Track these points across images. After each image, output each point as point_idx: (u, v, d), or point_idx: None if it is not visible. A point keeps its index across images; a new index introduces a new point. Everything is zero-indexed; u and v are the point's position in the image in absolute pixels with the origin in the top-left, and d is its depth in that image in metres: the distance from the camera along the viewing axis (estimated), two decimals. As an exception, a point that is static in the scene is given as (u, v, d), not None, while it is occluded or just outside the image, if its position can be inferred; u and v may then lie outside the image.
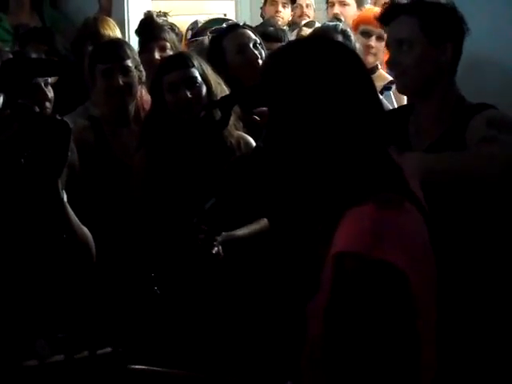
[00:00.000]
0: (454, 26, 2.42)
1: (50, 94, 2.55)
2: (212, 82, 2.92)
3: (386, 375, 1.39)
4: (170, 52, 3.72)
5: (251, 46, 3.33)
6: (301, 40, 1.76)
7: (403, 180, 1.55)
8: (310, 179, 1.52)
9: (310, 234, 1.63)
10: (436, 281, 1.55)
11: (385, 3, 2.60)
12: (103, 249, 2.47)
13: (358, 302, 1.39)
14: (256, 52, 3.32)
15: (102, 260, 2.46)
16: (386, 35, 3.86)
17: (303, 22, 4.64)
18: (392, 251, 1.40)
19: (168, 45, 3.75)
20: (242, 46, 3.33)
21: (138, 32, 3.94)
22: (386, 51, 3.78)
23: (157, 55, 3.70)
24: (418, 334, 1.43)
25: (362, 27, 4.14)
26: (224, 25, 3.57)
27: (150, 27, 3.80)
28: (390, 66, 2.56)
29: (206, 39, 3.75)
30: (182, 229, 2.66)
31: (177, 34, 3.86)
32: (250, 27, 3.54)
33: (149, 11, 4.05)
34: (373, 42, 4.05)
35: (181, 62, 2.92)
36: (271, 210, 2.89)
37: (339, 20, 4.21)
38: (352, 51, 1.61)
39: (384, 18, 2.50)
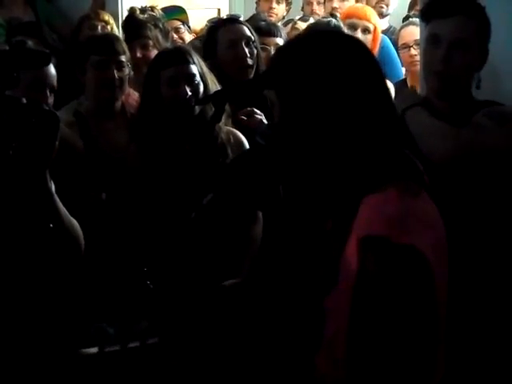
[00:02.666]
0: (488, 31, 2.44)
1: (50, 99, 2.51)
2: (208, 81, 2.91)
3: (409, 367, 1.39)
4: (152, 49, 3.72)
5: (243, 42, 3.34)
6: (312, 33, 1.76)
7: (419, 171, 1.55)
8: (326, 168, 1.52)
9: (323, 227, 1.62)
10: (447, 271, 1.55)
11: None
12: (94, 243, 2.48)
13: (385, 286, 1.38)
14: (246, 49, 3.32)
15: (93, 254, 2.46)
16: (372, 28, 3.86)
17: (297, 17, 4.64)
18: (415, 235, 1.40)
19: (150, 42, 3.75)
20: (234, 41, 3.34)
21: (123, 28, 3.96)
22: (374, 45, 3.78)
23: (138, 53, 3.70)
24: (440, 325, 1.43)
25: (348, 21, 4.19)
26: (225, 16, 3.58)
27: (132, 25, 3.81)
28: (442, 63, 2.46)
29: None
30: (177, 223, 2.66)
31: (161, 30, 3.85)
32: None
33: (132, 7, 4.03)
34: (359, 34, 4.06)
35: (181, 57, 2.92)
36: (281, 202, 2.89)
37: (334, 16, 4.21)
38: (364, 46, 1.60)
39: (434, 13, 2.45)
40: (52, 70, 2.48)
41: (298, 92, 1.51)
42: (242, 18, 3.55)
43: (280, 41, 3.68)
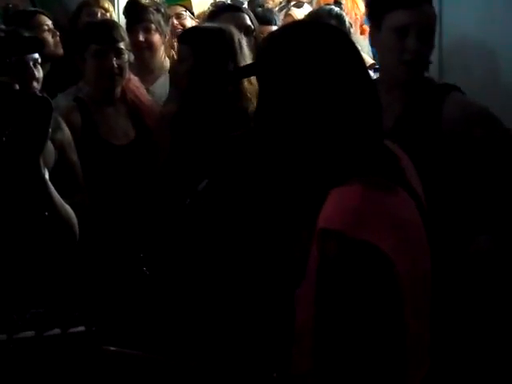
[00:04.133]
0: None
1: (39, 73, 2.50)
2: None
3: (372, 361, 1.38)
4: (155, 33, 3.74)
5: (242, 32, 3.32)
6: (296, 24, 1.77)
7: (397, 167, 1.54)
8: (298, 158, 1.52)
9: (296, 217, 1.62)
10: (429, 270, 1.54)
11: None
12: (91, 229, 2.48)
13: (340, 282, 1.38)
14: (244, 39, 3.32)
15: (89, 241, 2.47)
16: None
17: (292, 3, 4.62)
18: (375, 232, 1.39)
19: (153, 26, 3.75)
20: None
21: (124, 13, 3.94)
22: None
23: (141, 37, 3.71)
24: (404, 317, 1.42)
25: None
26: (228, 1, 3.58)
27: (135, 9, 3.80)
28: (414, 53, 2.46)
29: None
30: (172, 209, 2.66)
31: (163, 15, 3.85)
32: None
33: None
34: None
35: None
36: (262, 190, 2.88)
37: (338, 3, 4.19)
38: (345, 35, 1.60)
39: (399, 4, 2.44)
40: None
41: (275, 81, 1.52)
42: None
43: (275, 28, 3.67)
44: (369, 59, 3.93)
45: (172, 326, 2.66)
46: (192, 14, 4.41)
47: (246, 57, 2.91)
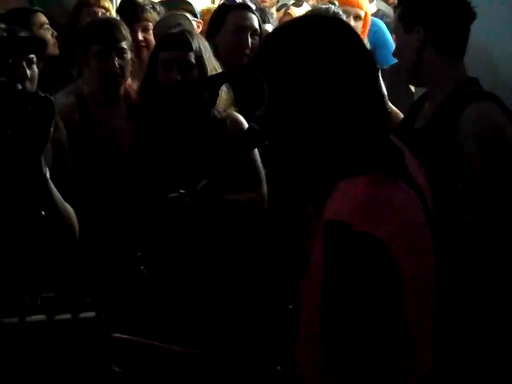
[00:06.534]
0: (423, 8, 2.42)
1: (33, 72, 2.50)
2: (208, 67, 2.91)
3: (374, 348, 1.41)
4: (152, 32, 3.73)
5: (249, 32, 3.35)
6: (302, 18, 1.76)
7: (401, 162, 1.55)
8: (307, 152, 1.53)
9: (303, 210, 1.64)
10: (433, 262, 1.56)
11: None
12: (89, 228, 2.48)
13: (344, 274, 1.40)
14: (250, 40, 3.34)
15: (88, 239, 2.47)
16: (363, 15, 3.86)
17: (291, 2, 4.63)
18: (378, 224, 1.41)
19: (150, 24, 3.77)
20: (242, 27, 3.36)
21: (118, 11, 3.94)
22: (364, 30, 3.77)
23: (140, 36, 3.72)
24: (404, 309, 1.44)
25: (340, 8, 4.17)
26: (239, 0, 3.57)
27: (132, 8, 3.81)
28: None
29: None
30: (170, 207, 2.66)
31: (158, 13, 3.86)
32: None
33: None
34: (351, 21, 4.06)
35: (180, 42, 2.91)
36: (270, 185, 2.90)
37: (333, 3, 4.21)
38: (352, 30, 1.60)
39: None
40: None
41: (284, 77, 1.52)
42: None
43: (269, 27, 3.69)
44: None
45: (175, 318, 2.68)
46: (195, 16, 4.38)
47: (213, 63, 2.93)
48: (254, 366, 1.71)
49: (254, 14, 3.43)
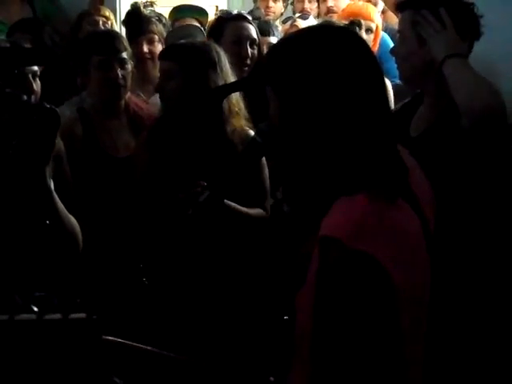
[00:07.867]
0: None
1: (37, 86, 2.50)
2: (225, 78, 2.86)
3: (367, 368, 1.39)
4: (158, 44, 3.74)
5: (248, 43, 3.35)
6: (311, 28, 1.73)
7: (404, 179, 1.54)
8: (311, 165, 1.52)
9: (303, 225, 1.64)
10: (428, 280, 1.55)
11: None
12: (92, 240, 2.48)
13: (337, 292, 1.39)
14: (249, 50, 3.34)
15: (91, 251, 2.47)
16: (375, 27, 3.86)
17: (297, 14, 4.63)
18: (374, 243, 1.40)
19: (156, 37, 3.76)
20: (240, 38, 3.35)
21: (125, 23, 3.95)
22: (375, 43, 3.78)
23: (145, 48, 3.72)
24: (401, 328, 1.42)
25: (351, 19, 4.16)
26: (235, 12, 3.57)
27: (138, 20, 3.81)
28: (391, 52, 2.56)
29: None
30: (173, 220, 2.66)
31: (164, 25, 3.86)
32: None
33: (136, 2, 4.05)
34: (362, 34, 4.05)
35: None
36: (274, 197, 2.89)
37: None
38: (361, 39, 1.58)
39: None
40: None
41: (293, 88, 1.49)
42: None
43: (273, 39, 3.68)
44: None
45: (172, 324, 2.67)
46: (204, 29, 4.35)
47: (228, 74, 2.88)
48: (247, 376, 1.70)
49: (251, 24, 3.43)
